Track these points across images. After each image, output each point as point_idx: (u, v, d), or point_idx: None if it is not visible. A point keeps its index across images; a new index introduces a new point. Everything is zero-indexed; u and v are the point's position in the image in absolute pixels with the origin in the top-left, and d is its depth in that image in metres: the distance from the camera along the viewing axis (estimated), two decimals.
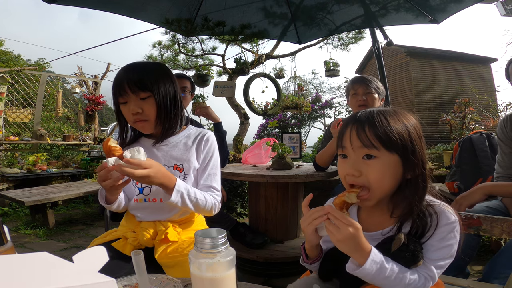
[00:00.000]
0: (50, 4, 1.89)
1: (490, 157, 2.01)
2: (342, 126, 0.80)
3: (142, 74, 1.06)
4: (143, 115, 1.06)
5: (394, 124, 0.73)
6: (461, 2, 2.07)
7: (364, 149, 0.72)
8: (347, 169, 0.74)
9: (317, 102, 8.94)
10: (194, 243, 0.55)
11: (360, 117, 0.75)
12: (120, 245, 1.10)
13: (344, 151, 0.76)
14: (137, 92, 1.05)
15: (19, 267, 0.37)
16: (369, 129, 0.72)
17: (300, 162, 2.72)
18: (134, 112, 1.05)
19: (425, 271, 0.70)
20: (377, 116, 0.73)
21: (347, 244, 0.66)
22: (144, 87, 1.05)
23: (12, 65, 10.25)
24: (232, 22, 2.79)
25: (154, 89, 1.06)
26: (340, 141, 0.77)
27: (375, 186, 0.72)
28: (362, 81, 1.89)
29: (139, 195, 1.13)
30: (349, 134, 0.75)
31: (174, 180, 0.99)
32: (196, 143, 1.17)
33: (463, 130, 3.82)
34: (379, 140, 0.71)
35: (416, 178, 0.73)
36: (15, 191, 3.60)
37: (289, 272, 2.05)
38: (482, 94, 6.84)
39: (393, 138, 0.71)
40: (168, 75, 1.14)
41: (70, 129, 6.46)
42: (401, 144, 0.71)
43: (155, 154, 1.14)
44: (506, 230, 0.96)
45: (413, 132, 0.74)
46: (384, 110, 0.76)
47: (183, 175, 1.13)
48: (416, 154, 0.73)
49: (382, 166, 0.71)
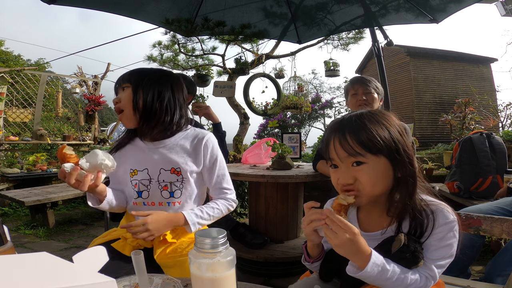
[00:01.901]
0: (50, 4, 1.89)
1: (490, 157, 2.01)
2: (325, 137, 0.80)
3: (134, 70, 1.13)
4: (120, 104, 1.10)
5: (373, 127, 0.73)
6: (461, 2, 2.07)
7: (351, 158, 0.73)
8: (340, 179, 0.75)
9: (317, 102, 8.95)
10: (194, 243, 0.55)
11: (339, 127, 0.76)
12: (119, 246, 1.10)
13: (333, 162, 0.77)
14: (121, 83, 1.11)
15: (19, 267, 0.37)
16: (351, 138, 0.72)
17: (300, 162, 2.72)
18: (114, 101, 1.11)
19: (426, 271, 0.70)
20: (355, 122, 0.74)
21: (345, 248, 0.66)
22: (127, 79, 1.11)
23: (12, 65, 10.25)
24: (232, 22, 2.79)
25: (134, 83, 1.10)
26: (327, 154, 0.78)
27: (368, 189, 0.73)
28: (362, 81, 1.89)
29: (138, 199, 1.13)
30: (333, 145, 0.75)
31: (181, 217, 1.06)
32: (195, 146, 1.14)
33: (463, 130, 3.83)
34: (362, 146, 0.72)
35: (405, 176, 0.74)
36: (15, 191, 3.61)
37: (289, 272, 2.05)
38: (482, 94, 6.84)
39: (376, 142, 0.71)
40: (168, 80, 1.14)
41: (70, 129, 6.46)
42: (385, 145, 0.72)
43: (152, 157, 1.12)
44: (506, 230, 0.96)
45: (394, 131, 0.74)
46: (361, 114, 0.76)
47: (181, 178, 1.12)
48: (401, 152, 0.73)
49: (372, 170, 0.72)
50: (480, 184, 2.02)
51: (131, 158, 1.15)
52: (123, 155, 1.16)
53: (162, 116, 1.11)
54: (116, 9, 2.31)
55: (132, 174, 1.13)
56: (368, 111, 0.77)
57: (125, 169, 1.14)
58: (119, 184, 1.18)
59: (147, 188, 1.12)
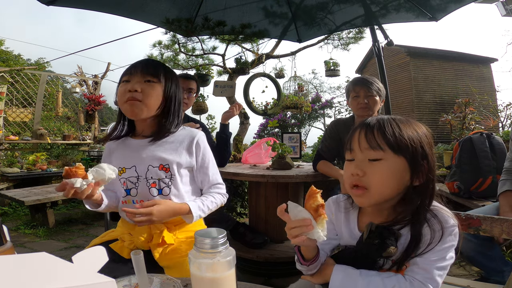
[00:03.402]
0: (48, 6, 1.88)
1: (491, 157, 2.00)
2: (352, 130, 0.81)
3: (159, 64, 1.13)
4: (139, 95, 1.06)
5: (404, 128, 0.74)
6: (460, 1, 2.08)
7: (371, 151, 0.73)
8: (352, 169, 0.75)
9: (317, 102, 8.94)
10: (194, 243, 0.54)
11: (370, 122, 0.77)
12: (117, 247, 1.10)
13: (352, 153, 0.77)
14: (145, 74, 1.08)
15: (19, 268, 0.37)
16: (378, 132, 0.74)
17: (300, 162, 2.72)
18: (132, 89, 1.06)
19: (423, 274, 0.70)
20: (387, 121, 0.75)
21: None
22: (156, 73, 1.10)
23: (12, 64, 10.25)
24: (232, 22, 2.78)
25: (163, 81, 1.11)
26: (349, 144, 0.79)
27: (375, 188, 0.72)
28: (364, 83, 1.86)
29: (127, 197, 1.12)
30: (358, 136, 0.76)
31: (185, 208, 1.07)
32: (186, 144, 1.15)
33: (463, 130, 3.82)
34: (386, 142, 0.72)
35: (425, 184, 0.73)
36: (15, 191, 3.61)
37: (289, 272, 2.05)
38: (482, 94, 6.84)
39: (403, 141, 0.72)
40: (178, 81, 1.19)
41: (70, 129, 6.46)
42: (411, 148, 0.72)
43: (140, 154, 1.12)
44: (506, 230, 0.96)
45: (425, 138, 0.75)
46: (395, 117, 0.78)
47: (169, 175, 1.11)
48: (428, 159, 0.73)
49: (387, 169, 0.72)
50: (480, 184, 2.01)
51: (119, 155, 1.14)
52: (110, 153, 1.17)
53: (173, 115, 1.15)
54: (115, 10, 2.30)
55: (120, 172, 1.12)
56: (404, 117, 0.79)
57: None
58: (110, 183, 1.17)
59: (135, 185, 1.10)
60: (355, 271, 0.72)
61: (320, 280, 0.76)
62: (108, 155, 1.18)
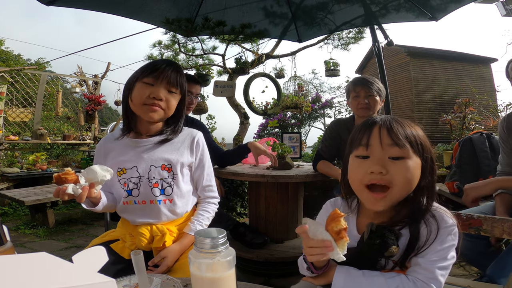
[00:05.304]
0: (48, 6, 1.88)
1: (490, 157, 2.01)
2: (362, 126, 0.77)
3: (182, 75, 1.16)
4: (163, 103, 1.10)
5: (416, 128, 0.75)
6: (460, 1, 2.08)
7: (395, 148, 0.70)
8: (371, 167, 0.71)
9: (317, 102, 8.93)
10: (194, 243, 0.54)
11: (386, 119, 0.75)
12: (118, 248, 1.10)
13: (369, 149, 0.73)
14: (171, 85, 1.11)
15: (19, 268, 0.37)
16: (401, 129, 0.72)
17: (300, 162, 2.71)
18: (159, 97, 1.08)
19: (425, 274, 0.69)
20: (399, 121, 0.75)
21: None
22: (180, 86, 1.13)
23: (12, 64, 10.25)
24: (232, 22, 2.78)
25: (182, 92, 1.16)
26: (365, 139, 0.74)
27: (398, 187, 0.70)
28: (364, 83, 1.85)
29: (128, 197, 1.11)
30: (379, 132, 0.73)
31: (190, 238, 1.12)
32: (188, 144, 1.18)
33: (463, 130, 3.82)
34: (408, 141, 0.71)
35: (429, 184, 0.74)
36: (15, 191, 3.60)
37: (289, 272, 2.05)
38: (482, 94, 6.83)
39: (418, 140, 0.72)
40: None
41: (70, 129, 6.46)
42: (426, 148, 0.73)
43: (141, 154, 1.11)
44: (507, 231, 0.96)
45: (427, 139, 0.76)
46: (398, 118, 0.77)
47: (172, 175, 1.12)
48: (432, 160, 0.74)
49: (410, 167, 0.70)
50: None
51: (117, 156, 1.13)
52: (106, 153, 1.16)
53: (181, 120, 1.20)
54: (115, 9, 2.30)
55: (120, 173, 1.11)
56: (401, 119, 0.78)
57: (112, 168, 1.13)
58: (106, 185, 1.14)
59: (137, 186, 1.10)
60: (358, 272, 0.72)
61: (322, 281, 0.75)
62: (103, 155, 1.16)
